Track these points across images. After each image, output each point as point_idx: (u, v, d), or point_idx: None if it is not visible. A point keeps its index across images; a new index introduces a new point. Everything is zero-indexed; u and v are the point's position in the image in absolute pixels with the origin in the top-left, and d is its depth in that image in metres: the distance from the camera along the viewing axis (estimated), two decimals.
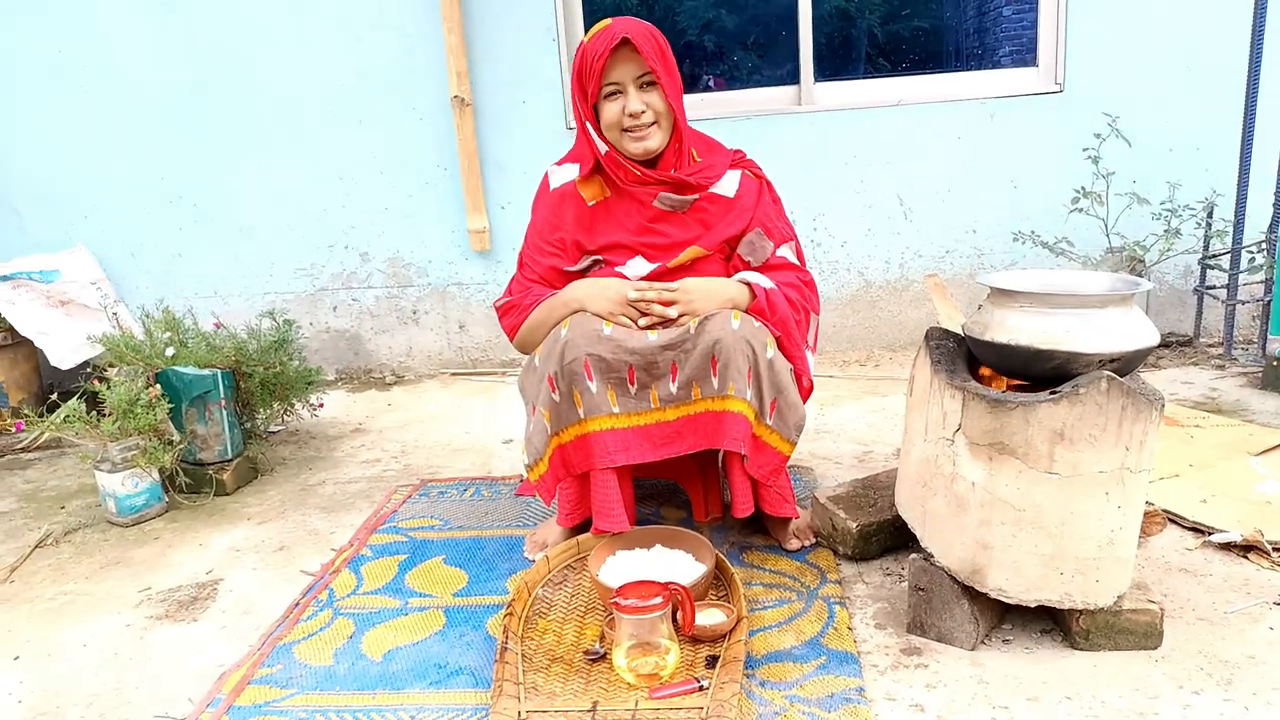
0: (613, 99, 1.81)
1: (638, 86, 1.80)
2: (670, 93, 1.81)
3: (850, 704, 1.42)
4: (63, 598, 1.98)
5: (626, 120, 1.81)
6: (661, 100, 1.82)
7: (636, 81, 1.80)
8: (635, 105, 1.79)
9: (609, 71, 1.79)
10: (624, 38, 1.75)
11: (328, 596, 1.88)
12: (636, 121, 1.81)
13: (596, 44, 1.78)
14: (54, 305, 3.24)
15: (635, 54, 1.77)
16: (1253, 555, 1.79)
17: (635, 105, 1.79)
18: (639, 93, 1.80)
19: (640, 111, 1.80)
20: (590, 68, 1.79)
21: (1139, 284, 1.53)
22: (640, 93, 1.80)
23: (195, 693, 1.59)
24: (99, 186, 3.54)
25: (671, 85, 1.82)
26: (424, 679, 1.57)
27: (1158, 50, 3.16)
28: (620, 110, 1.80)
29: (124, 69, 3.42)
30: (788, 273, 1.91)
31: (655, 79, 1.80)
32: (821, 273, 3.44)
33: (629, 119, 1.80)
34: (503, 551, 2.04)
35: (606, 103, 1.82)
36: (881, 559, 1.89)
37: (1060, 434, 1.41)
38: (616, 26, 1.77)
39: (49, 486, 2.67)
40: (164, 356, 2.50)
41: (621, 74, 1.79)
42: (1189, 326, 3.31)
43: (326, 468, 2.69)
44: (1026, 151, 3.28)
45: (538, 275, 1.95)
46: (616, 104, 1.81)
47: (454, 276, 3.57)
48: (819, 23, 3.36)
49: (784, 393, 1.78)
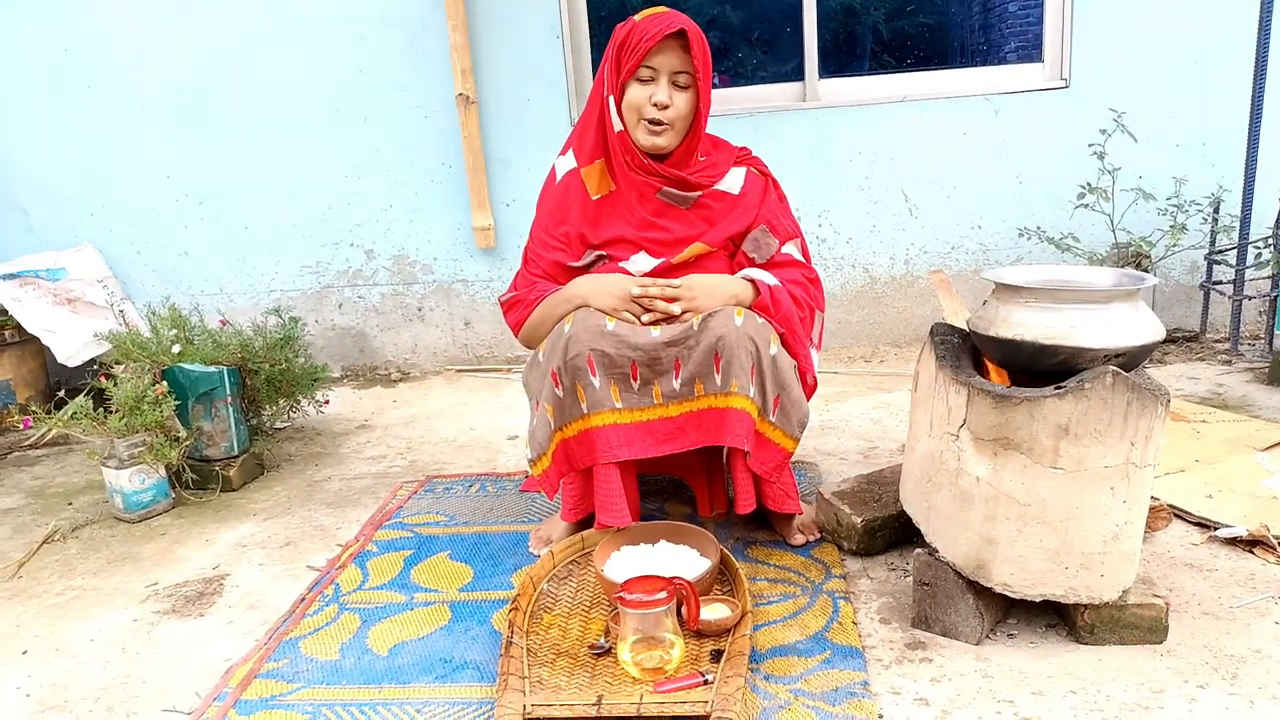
0: (644, 84, 1.81)
1: (672, 81, 1.80)
2: (702, 99, 1.82)
3: (855, 698, 1.42)
4: (70, 593, 1.99)
5: (650, 109, 1.80)
6: (689, 104, 1.82)
7: (673, 76, 1.80)
8: (663, 96, 1.79)
9: (652, 56, 1.78)
10: (681, 29, 1.76)
11: (334, 591, 1.89)
12: (659, 114, 1.80)
13: (650, 25, 1.77)
14: (61, 303, 3.26)
15: (684, 49, 1.78)
16: (1258, 550, 1.79)
17: (663, 96, 1.79)
18: (671, 88, 1.80)
19: (666, 104, 1.79)
20: (636, 45, 1.77)
21: (1144, 279, 1.53)
22: (672, 88, 1.80)
23: (202, 687, 1.60)
24: (105, 185, 3.55)
25: (705, 92, 1.82)
26: (429, 673, 1.58)
27: (1163, 45, 3.15)
28: (647, 97, 1.80)
29: (129, 68, 3.43)
30: (793, 270, 1.91)
31: (692, 80, 1.80)
32: (827, 269, 3.44)
33: (653, 108, 1.80)
34: (508, 547, 2.04)
35: (636, 84, 1.81)
36: (886, 554, 1.89)
37: (1065, 429, 1.41)
38: (675, 16, 1.77)
39: (56, 483, 2.69)
40: (170, 354, 2.51)
41: (662, 63, 1.78)
42: (1195, 322, 3.31)
43: (332, 464, 2.70)
44: (1032, 147, 3.28)
45: (542, 270, 1.95)
46: (646, 89, 1.80)
47: (459, 273, 3.57)
48: (824, 19, 3.36)
49: (787, 389, 1.78)
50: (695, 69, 1.78)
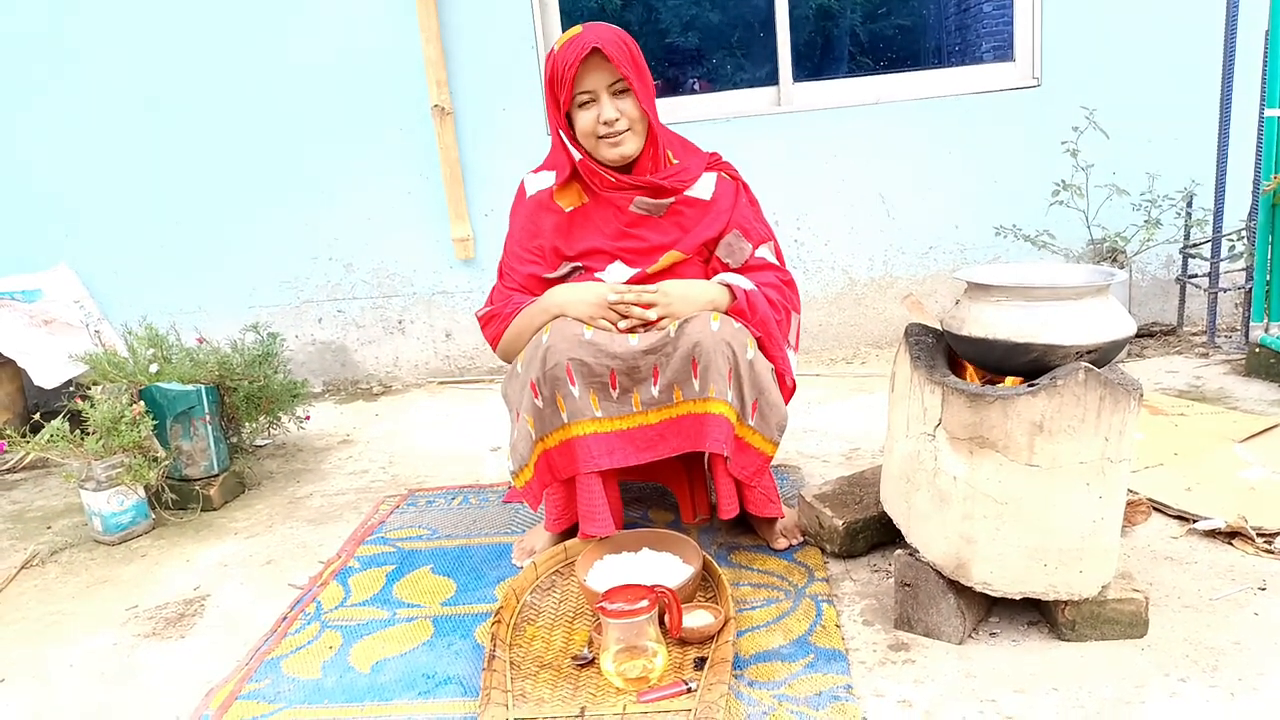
0: (586, 107, 1.82)
1: (611, 94, 1.80)
2: (643, 98, 1.82)
3: (838, 701, 1.42)
4: (49, 618, 1.97)
5: (601, 128, 1.81)
6: (635, 107, 1.82)
7: (609, 89, 1.80)
8: (609, 113, 1.80)
9: (581, 80, 1.79)
10: (594, 47, 1.76)
11: (315, 609, 1.87)
12: (611, 129, 1.81)
13: (567, 53, 1.78)
14: (37, 325, 3.23)
15: (606, 62, 1.78)
16: (1237, 542, 1.80)
17: (609, 113, 1.80)
18: (612, 100, 1.80)
19: (614, 119, 1.80)
20: (562, 76, 1.79)
21: (1114, 275, 1.54)
22: (614, 100, 1.81)
23: (183, 710, 1.58)
24: (79, 204, 3.52)
25: (644, 91, 1.82)
26: (412, 689, 1.56)
27: (1134, 42, 3.17)
28: (594, 119, 1.81)
29: (103, 87, 3.41)
30: (767, 273, 1.92)
31: (628, 85, 1.80)
32: (806, 272, 3.45)
33: (603, 127, 1.81)
34: (491, 559, 2.03)
35: (580, 111, 1.82)
36: (869, 555, 1.89)
37: (1039, 426, 1.41)
38: (587, 35, 1.77)
39: (35, 507, 2.66)
40: (147, 373, 2.49)
41: (594, 82, 1.79)
42: (1172, 316, 3.33)
43: (314, 480, 2.68)
44: (1006, 146, 3.30)
45: (518, 283, 1.95)
46: (590, 112, 1.81)
47: (439, 285, 3.56)
48: (799, 24, 3.37)
49: (765, 393, 1.78)
50: (625, 75, 1.78)
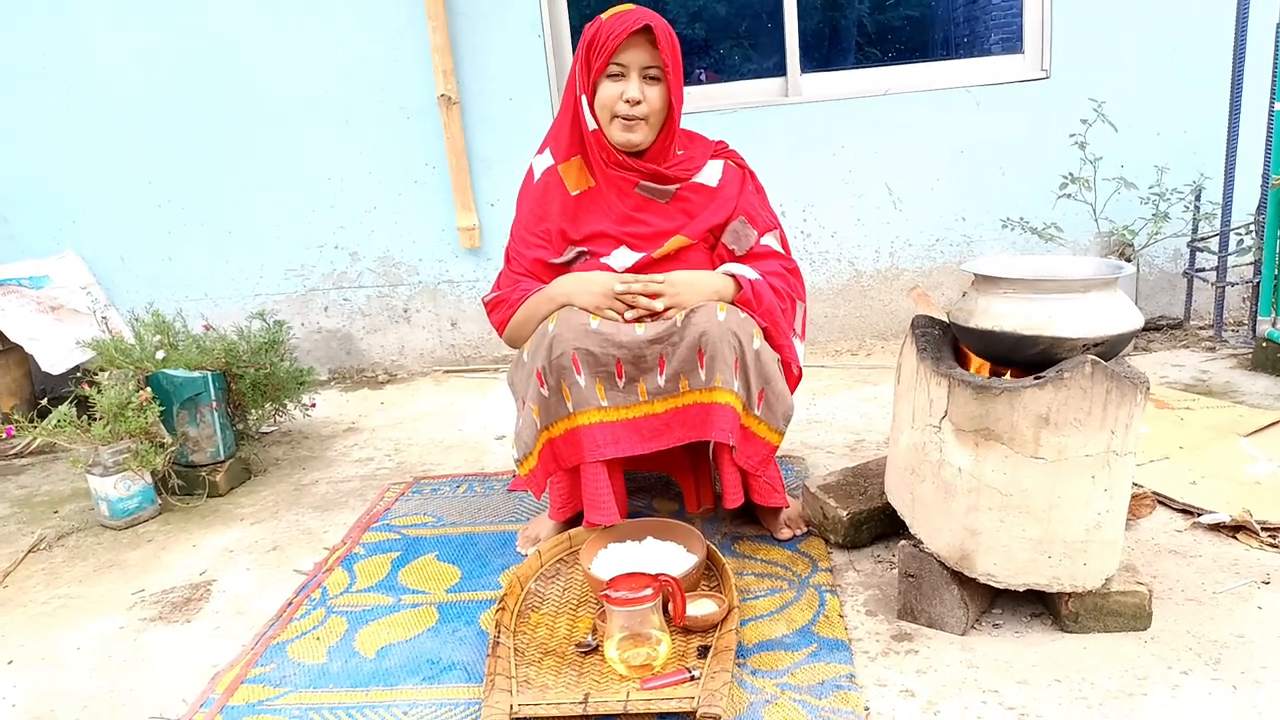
0: (615, 80, 1.81)
1: (642, 76, 1.80)
2: (673, 90, 1.82)
3: (841, 690, 1.43)
4: (56, 601, 1.98)
5: (621, 106, 1.81)
6: (661, 97, 1.82)
7: (643, 71, 1.80)
8: (634, 92, 1.79)
9: (620, 53, 1.78)
10: (646, 24, 1.76)
11: (321, 595, 1.88)
12: (631, 110, 1.81)
13: (616, 23, 1.78)
14: (44, 311, 3.24)
15: (651, 44, 1.78)
16: (1241, 535, 1.80)
17: (634, 92, 1.79)
18: (643, 83, 1.80)
19: (637, 100, 1.80)
20: (604, 44, 1.78)
21: (1122, 268, 1.54)
22: (644, 83, 1.80)
23: (189, 693, 1.59)
24: (86, 192, 3.53)
25: (675, 83, 1.82)
26: (417, 675, 1.57)
27: (1143, 34, 3.16)
28: (619, 94, 1.80)
29: (109, 73, 3.41)
30: (772, 261, 1.92)
31: (663, 74, 1.81)
32: (812, 263, 3.45)
33: (625, 104, 1.80)
34: (495, 547, 2.04)
35: (608, 81, 1.82)
36: (872, 546, 1.90)
37: (1045, 419, 1.41)
38: (640, 13, 1.78)
39: (42, 492, 2.67)
40: (154, 359, 2.50)
41: (631, 59, 1.79)
42: (1179, 309, 3.32)
43: (319, 467, 2.69)
44: (1014, 138, 3.28)
45: (525, 269, 1.95)
46: (617, 86, 1.81)
47: (444, 274, 3.57)
48: (807, 14, 3.36)
49: (771, 383, 1.78)
50: (664, 63, 1.79)
